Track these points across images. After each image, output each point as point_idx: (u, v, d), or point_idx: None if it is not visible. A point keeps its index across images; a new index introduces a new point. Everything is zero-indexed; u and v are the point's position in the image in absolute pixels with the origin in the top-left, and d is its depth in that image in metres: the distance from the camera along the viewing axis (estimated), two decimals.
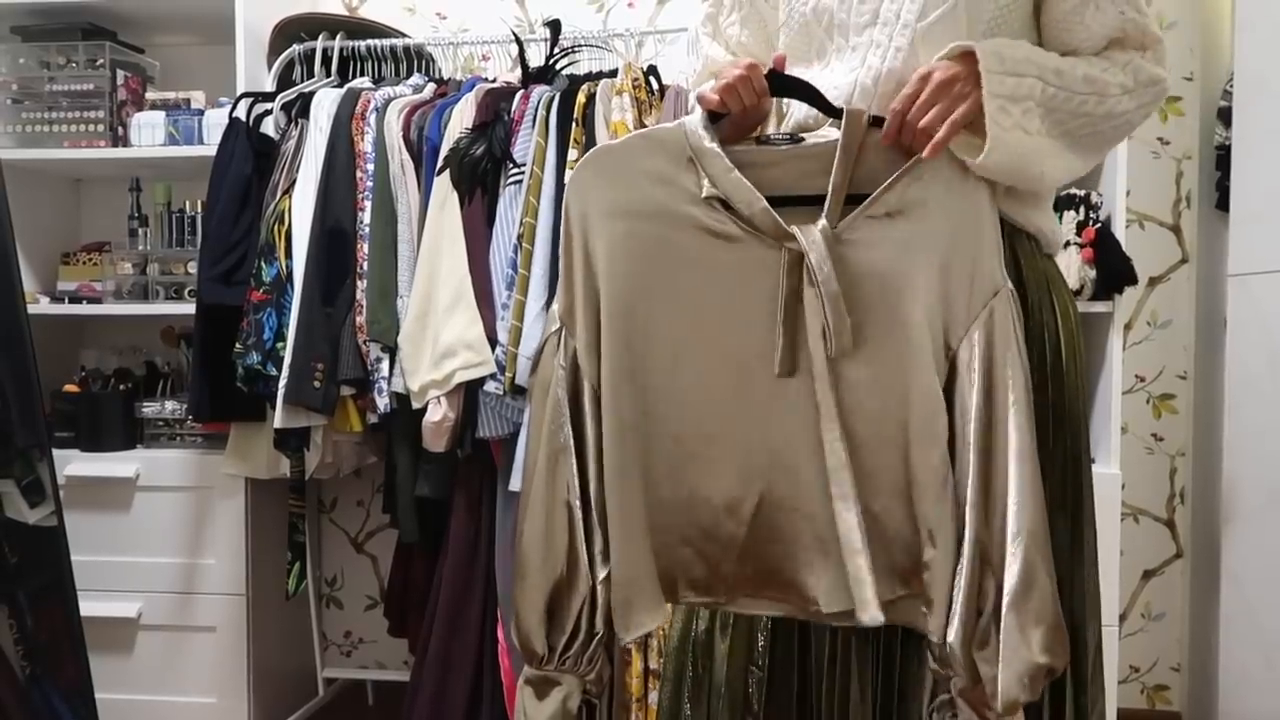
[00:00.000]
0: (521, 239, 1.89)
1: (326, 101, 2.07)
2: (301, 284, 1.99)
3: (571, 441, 1.13)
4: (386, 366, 1.96)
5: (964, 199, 1.07)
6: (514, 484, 1.89)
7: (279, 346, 1.99)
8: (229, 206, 2.08)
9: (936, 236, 1.06)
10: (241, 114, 2.14)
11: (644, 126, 1.97)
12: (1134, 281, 2.02)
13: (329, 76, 2.25)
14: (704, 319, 1.11)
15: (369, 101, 2.05)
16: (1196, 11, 2.36)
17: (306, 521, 2.26)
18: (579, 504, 1.13)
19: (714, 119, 1.13)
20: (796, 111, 1.22)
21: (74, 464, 2.22)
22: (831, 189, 1.08)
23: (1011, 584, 1.02)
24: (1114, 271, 2.00)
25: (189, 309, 2.13)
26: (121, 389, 2.31)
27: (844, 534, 1.07)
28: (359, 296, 1.98)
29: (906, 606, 1.10)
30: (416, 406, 1.92)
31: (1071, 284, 1.95)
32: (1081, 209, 2.04)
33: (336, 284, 1.99)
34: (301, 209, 2.03)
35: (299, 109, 2.12)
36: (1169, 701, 2.44)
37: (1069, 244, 2.01)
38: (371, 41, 2.26)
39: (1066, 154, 1.12)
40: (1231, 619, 1.90)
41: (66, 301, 2.36)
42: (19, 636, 1.71)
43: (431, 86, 2.15)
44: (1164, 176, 2.41)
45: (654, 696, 1.88)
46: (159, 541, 2.22)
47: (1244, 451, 1.88)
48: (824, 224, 1.07)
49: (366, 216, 2.00)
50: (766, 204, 1.08)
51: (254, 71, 2.28)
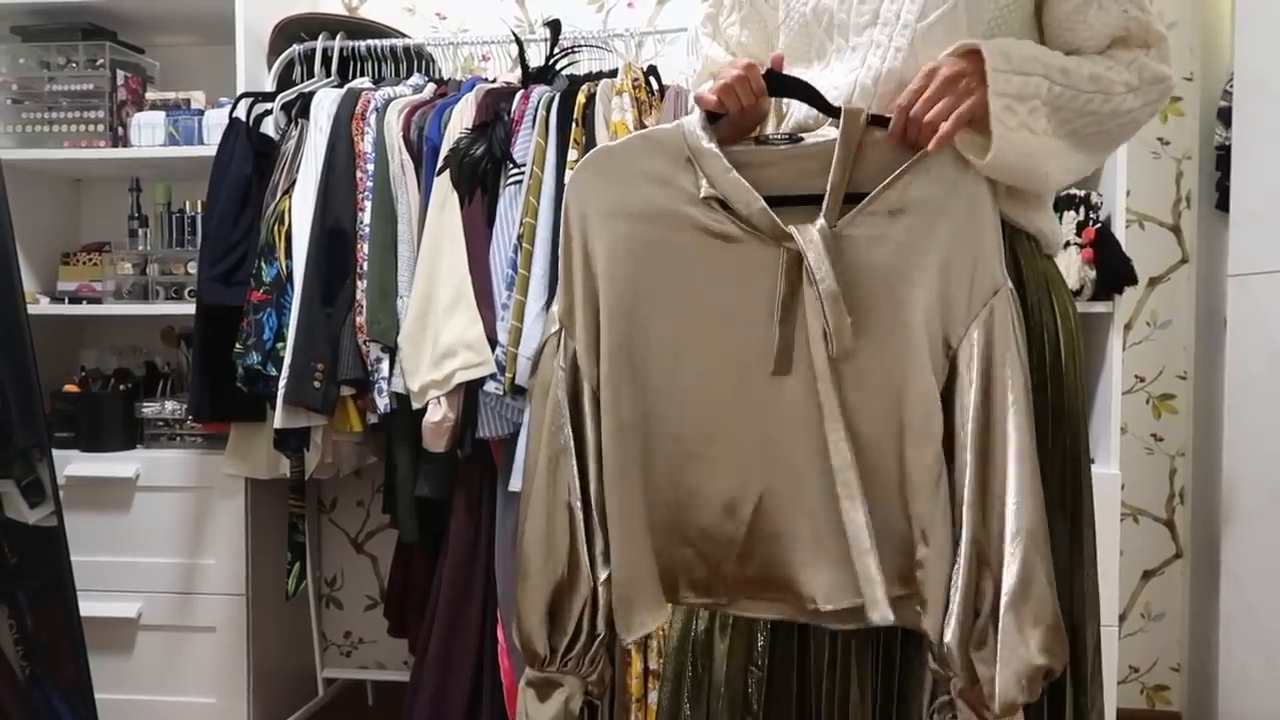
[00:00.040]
0: (521, 239, 1.89)
1: (326, 102, 2.07)
2: (301, 284, 1.99)
3: (572, 443, 1.13)
4: (386, 366, 1.96)
5: (965, 197, 1.06)
6: (514, 484, 1.89)
7: (279, 346, 1.99)
8: (229, 206, 2.08)
9: (937, 235, 1.06)
10: (241, 114, 2.14)
11: (644, 127, 1.96)
12: (1134, 282, 2.03)
13: (329, 76, 2.25)
14: (703, 319, 1.11)
15: (369, 102, 2.05)
16: (1196, 11, 2.36)
17: (306, 522, 2.26)
18: (580, 505, 1.13)
19: (712, 119, 1.13)
20: (796, 111, 1.22)
21: (74, 464, 2.22)
22: (830, 188, 1.07)
23: (1010, 584, 1.01)
24: (1114, 272, 2.00)
25: (189, 309, 2.14)
26: (121, 389, 2.31)
27: (852, 534, 1.07)
28: (359, 296, 1.98)
29: (903, 606, 1.10)
30: (416, 407, 1.92)
31: (1071, 284, 1.95)
32: (1081, 209, 2.04)
33: (336, 284, 1.99)
34: (301, 209, 2.03)
35: (299, 109, 2.12)
36: (1169, 702, 2.44)
37: (1069, 244, 2.01)
38: (371, 42, 2.26)
39: (1072, 153, 1.11)
40: (1231, 619, 1.90)
41: (66, 301, 2.36)
42: (19, 636, 1.71)
43: (431, 87, 2.15)
44: (1164, 177, 2.40)
45: (654, 697, 1.88)
46: (159, 541, 2.22)
47: (1244, 451, 1.88)
48: (822, 223, 1.06)
49: (366, 216, 2.00)
50: (764, 204, 1.08)
51: (254, 71, 2.28)
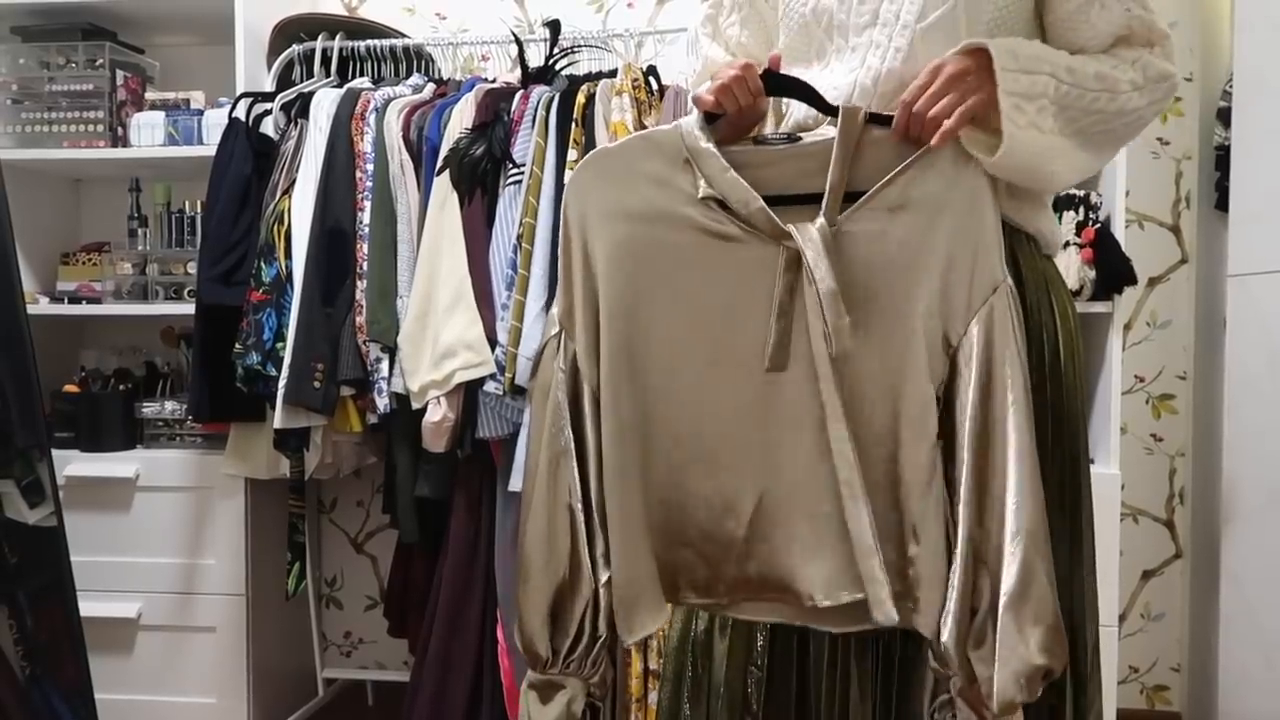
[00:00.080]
0: (521, 239, 1.89)
1: (326, 102, 2.07)
2: (301, 284, 1.99)
3: (572, 444, 1.13)
4: (386, 367, 1.96)
5: (965, 193, 1.06)
6: (514, 484, 1.89)
7: (279, 347, 1.99)
8: (228, 206, 2.08)
9: (937, 231, 1.05)
10: (241, 114, 2.14)
11: (644, 127, 1.97)
12: (1133, 282, 2.02)
13: (328, 77, 2.25)
14: (703, 319, 1.11)
15: (369, 102, 2.05)
16: (1196, 11, 2.36)
17: (306, 522, 2.26)
18: (580, 507, 1.13)
19: (710, 120, 1.13)
20: (796, 111, 1.22)
21: (74, 464, 2.22)
22: (829, 187, 1.07)
23: (1010, 584, 1.01)
24: (1113, 272, 2.00)
25: (189, 309, 2.13)
26: (121, 389, 2.31)
27: (856, 536, 1.07)
28: (359, 297, 1.98)
29: (897, 603, 1.09)
30: (416, 407, 1.92)
31: (1071, 284, 1.95)
32: (1081, 209, 2.04)
33: (336, 284, 1.99)
34: (301, 209, 2.03)
35: (298, 109, 2.12)
36: (1169, 702, 2.44)
37: (1069, 244, 2.01)
38: (371, 42, 2.26)
39: (1079, 153, 1.11)
40: (1231, 619, 1.89)
41: (66, 302, 2.36)
42: (19, 636, 1.71)
43: (431, 87, 2.15)
44: (1163, 177, 2.41)
45: (654, 697, 1.88)
46: (159, 542, 2.22)
47: (1244, 451, 1.88)
48: (821, 222, 1.06)
49: (366, 216, 2.00)
50: (763, 203, 1.08)
51: (253, 71, 2.28)
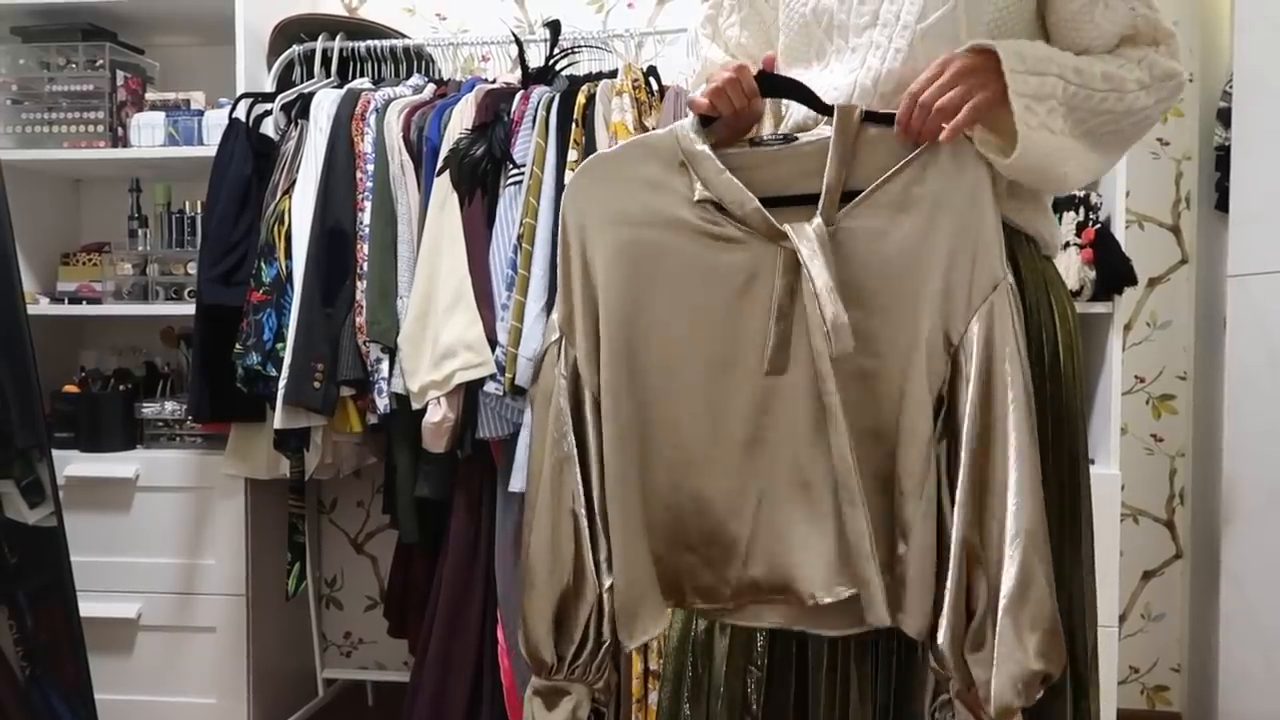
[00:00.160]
0: (521, 239, 1.89)
1: (326, 102, 2.07)
2: (301, 284, 1.99)
3: (575, 450, 1.13)
4: (386, 367, 1.96)
5: (965, 191, 1.05)
6: (514, 484, 1.89)
7: (279, 347, 1.99)
8: (229, 207, 2.08)
9: (937, 230, 1.05)
10: (241, 114, 2.14)
11: (644, 127, 1.97)
12: (1134, 282, 2.02)
13: (329, 77, 2.24)
14: (702, 322, 1.11)
15: (369, 102, 2.05)
16: (1196, 11, 2.36)
17: (306, 522, 2.26)
18: (584, 512, 1.12)
19: (706, 122, 1.13)
20: (796, 112, 1.22)
21: (74, 464, 2.22)
22: (825, 187, 1.06)
23: (1008, 586, 1.00)
24: (1114, 272, 2.00)
25: (189, 309, 2.13)
26: (121, 389, 2.31)
27: (854, 540, 1.06)
28: (359, 297, 1.98)
29: (888, 603, 1.08)
30: (416, 407, 1.92)
31: (1071, 285, 1.95)
32: (1081, 210, 2.04)
33: (336, 284, 1.99)
34: (301, 209, 2.03)
35: (299, 110, 2.12)
36: (1169, 702, 2.44)
37: (1069, 245, 2.01)
38: (371, 42, 2.26)
39: (1089, 153, 1.11)
40: (1231, 619, 1.89)
41: (66, 302, 2.36)
42: (19, 637, 1.71)
43: (431, 87, 2.15)
44: (1164, 177, 2.40)
45: (654, 697, 1.88)
46: (159, 542, 2.22)
47: (1244, 452, 1.88)
48: (818, 221, 1.05)
49: (366, 217, 2.00)
50: (758, 203, 1.07)
51: (254, 72, 2.28)
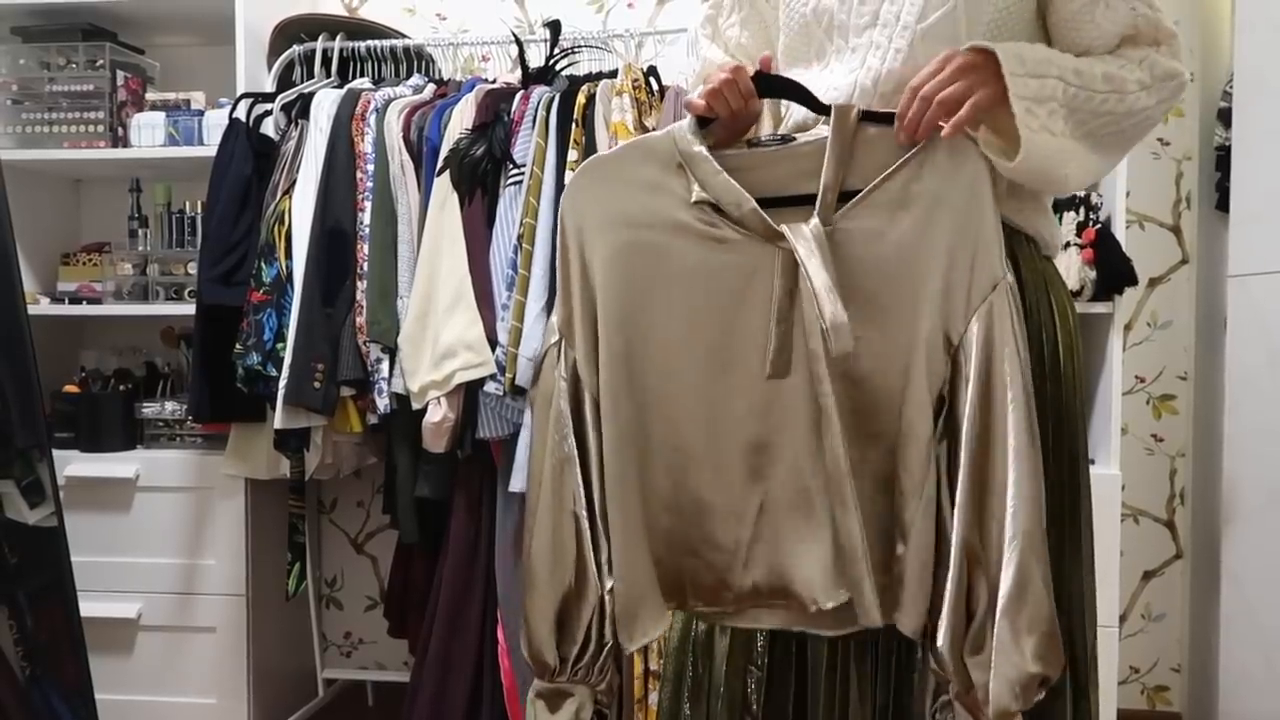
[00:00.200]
0: (521, 239, 1.89)
1: (326, 102, 2.07)
2: (301, 284, 1.99)
3: (575, 452, 1.12)
4: (386, 367, 1.96)
5: (964, 189, 1.04)
6: (514, 485, 1.89)
7: (279, 347, 1.99)
8: (229, 207, 2.08)
9: (936, 229, 1.04)
10: (241, 115, 2.14)
11: (644, 127, 1.97)
12: (1134, 282, 2.02)
13: (329, 77, 2.24)
14: (700, 325, 1.10)
15: (369, 102, 2.05)
16: (1196, 11, 2.36)
17: (306, 522, 2.26)
18: (585, 514, 1.12)
19: (703, 124, 1.13)
20: (796, 113, 1.22)
21: (74, 464, 2.22)
22: (822, 187, 1.06)
23: (1006, 589, 0.99)
24: (1114, 272, 2.00)
25: (189, 309, 2.13)
26: (121, 389, 2.31)
27: (846, 543, 1.06)
28: (359, 297, 1.98)
29: (884, 602, 1.08)
30: (416, 407, 1.92)
31: (1072, 285, 1.95)
32: (1081, 210, 2.03)
33: (336, 284, 1.99)
34: (301, 209, 2.03)
35: (299, 110, 2.12)
36: (1169, 702, 2.44)
37: (1069, 245, 2.01)
38: (371, 42, 2.26)
39: (1091, 155, 1.11)
40: (1231, 619, 1.89)
41: (66, 302, 2.36)
42: (19, 637, 1.71)
43: (431, 87, 2.15)
44: (1164, 177, 2.40)
45: (654, 697, 1.88)
46: (159, 542, 2.22)
47: (1244, 452, 1.88)
48: (815, 221, 1.05)
49: (366, 217, 2.00)
50: (755, 204, 1.07)
51: (254, 72, 2.28)
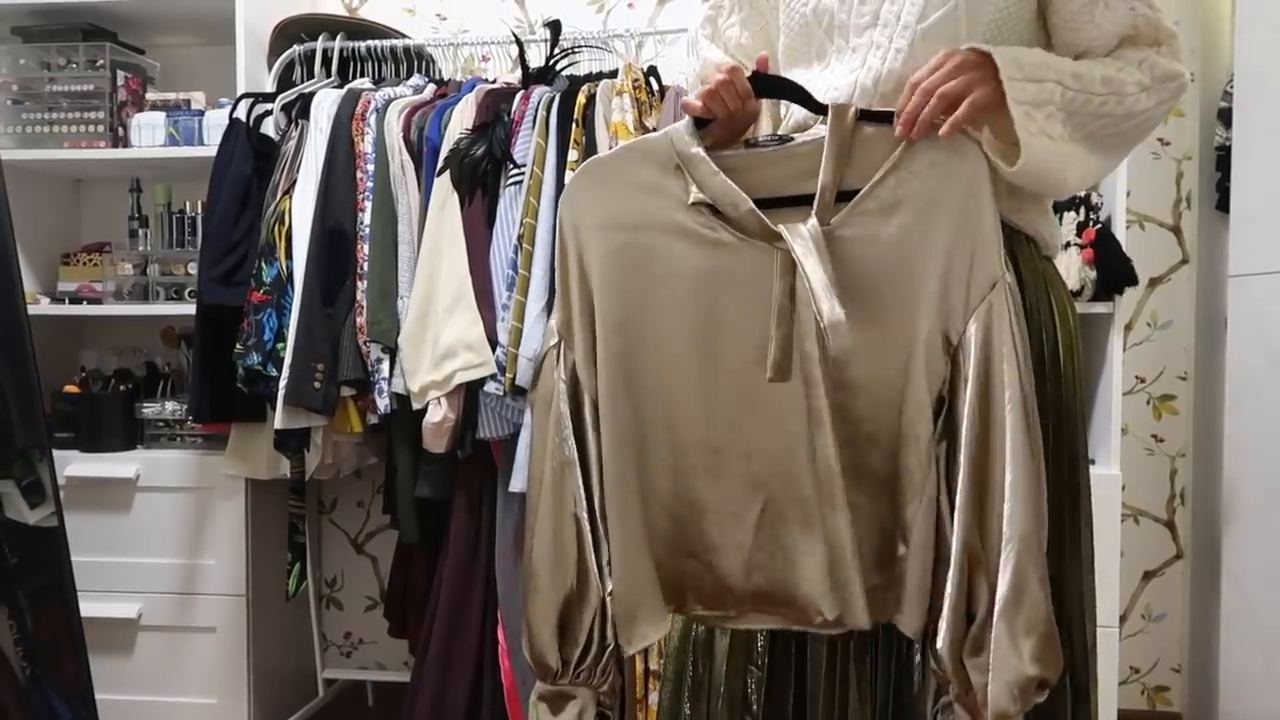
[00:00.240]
0: (522, 239, 1.89)
1: (327, 102, 2.07)
2: (302, 284, 1.99)
3: (576, 454, 1.12)
4: (387, 367, 1.96)
5: (963, 187, 1.04)
6: (514, 485, 1.89)
7: (279, 347, 1.99)
8: (229, 207, 2.08)
9: (934, 229, 1.04)
10: (242, 115, 2.14)
11: (644, 127, 1.97)
12: (1134, 282, 2.02)
13: (329, 77, 2.24)
14: (698, 327, 1.10)
15: (369, 102, 2.05)
16: (1196, 11, 2.36)
17: (306, 522, 2.26)
18: (586, 516, 1.12)
19: (701, 125, 1.12)
20: (796, 113, 1.22)
21: (74, 464, 2.21)
22: (820, 187, 1.06)
23: (1003, 591, 0.99)
24: (1114, 272, 2.00)
25: (189, 309, 2.13)
26: (122, 389, 2.31)
27: (834, 544, 1.07)
28: (359, 297, 1.98)
29: (880, 602, 1.09)
30: (417, 407, 1.92)
31: (1072, 285, 1.95)
32: (1081, 210, 2.03)
33: (337, 284, 1.99)
34: (302, 209, 2.03)
35: (299, 110, 2.12)
36: (1169, 702, 2.43)
37: (1069, 245, 2.01)
38: (372, 42, 2.26)
39: (1090, 157, 1.11)
40: (1232, 619, 1.89)
41: (67, 302, 2.36)
42: (19, 637, 1.71)
43: (432, 87, 2.15)
44: (1164, 177, 2.40)
45: (654, 697, 1.88)
46: (159, 542, 2.22)
47: (1244, 452, 1.88)
48: (813, 221, 1.05)
49: (367, 217, 2.00)
50: (752, 205, 1.06)
51: (254, 72, 2.28)
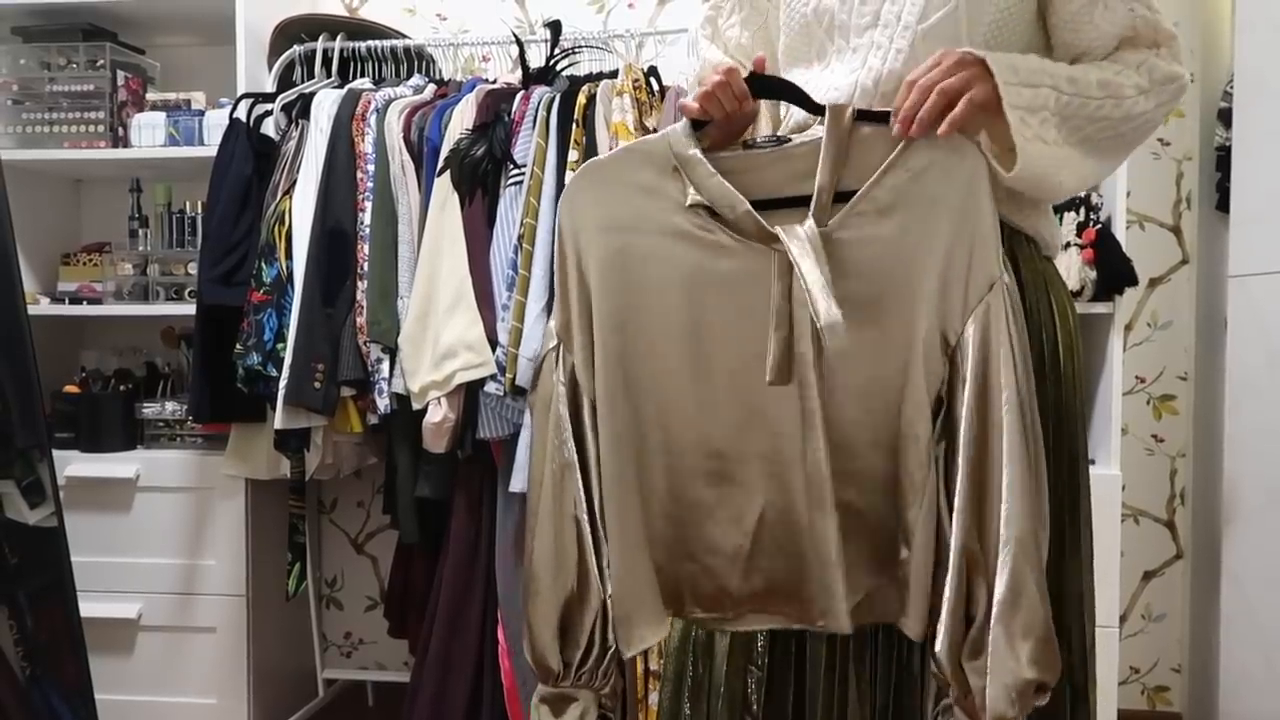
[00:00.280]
0: (522, 240, 1.89)
1: (327, 102, 2.07)
2: (302, 285, 1.99)
3: (575, 457, 1.12)
4: (387, 367, 1.96)
5: (961, 186, 1.04)
6: (514, 485, 1.89)
7: (279, 347, 1.99)
8: (229, 207, 2.08)
9: (933, 229, 1.04)
10: (242, 115, 2.14)
11: (645, 127, 1.97)
12: (1134, 282, 2.02)
13: (329, 77, 2.24)
14: (696, 329, 1.10)
15: (369, 102, 2.05)
16: (1196, 12, 2.36)
17: (307, 522, 2.26)
18: (586, 519, 1.12)
19: (698, 126, 1.12)
20: (796, 113, 1.22)
21: (74, 464, 2.21)
22: (817, 188, 1.05)
23: (1000, 595, 0.98)
24: (1114, 272, 2.00)
25: (189, 309, 2.13)
26: (122, 389, 2.31)
27: (820, 546, 1.07)
28: (359, 297, 1.98)
29: (883, 605, 1.09)
30: (417, 407, 1.92)
31: (1072, 285, 1.95)
32: (1082, 210, 2.03)
33: (337, 285, 1.99)
34: (302, 210, 2.03)
35: (299, 110, 2.12)
36: (1169, 703, 2.43)
37: (1069, 245, 2.01)
38: (372, 42, 2.26)
39: (1086, 160, 1.11)
40: (1232, 619, 1.90)
41: (67, 302, 2.36)
42: (19, 637, 1.71)
43: (432, 87, 2.15)
44: (1164, 177, 2.40)
45: (654, 697, 1.88)
46: (159, 542, 2.22)
47: (1244, 452, 1.88)
48: (810, 222, 1.04)
49: (367, 217, 2.00)
50: (749, 206, 1.06)
51: (254, 72, 2.28)
